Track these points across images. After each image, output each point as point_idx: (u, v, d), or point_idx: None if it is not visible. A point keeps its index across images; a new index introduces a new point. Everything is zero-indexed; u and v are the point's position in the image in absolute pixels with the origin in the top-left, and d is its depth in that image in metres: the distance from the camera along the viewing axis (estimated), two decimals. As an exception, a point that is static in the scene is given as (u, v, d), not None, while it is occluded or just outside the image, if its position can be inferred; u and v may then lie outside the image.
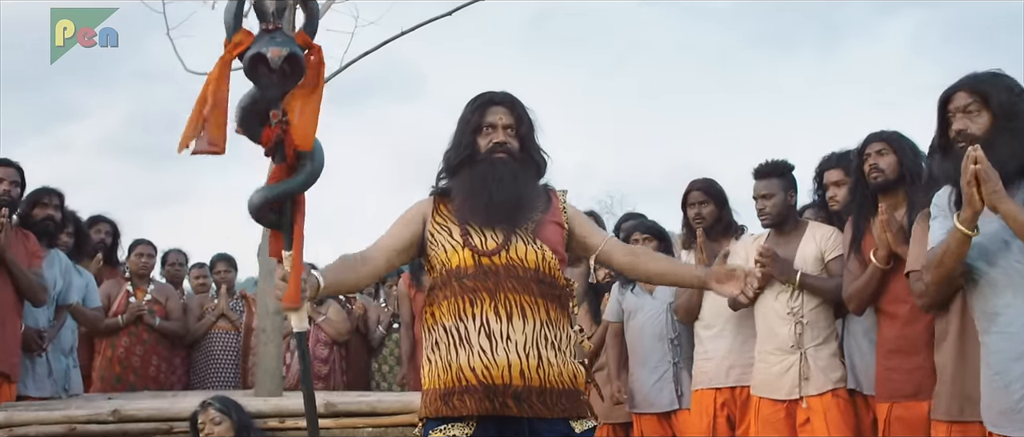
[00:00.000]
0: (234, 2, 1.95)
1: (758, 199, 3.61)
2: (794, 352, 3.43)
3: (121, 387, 4.73)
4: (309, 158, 2.02)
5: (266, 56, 1.89)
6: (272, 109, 1.96)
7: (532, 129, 2.37)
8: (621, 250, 2.45)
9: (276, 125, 1.96)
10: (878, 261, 3.06)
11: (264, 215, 2.04)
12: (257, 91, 1.96)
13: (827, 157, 3.62)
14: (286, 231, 2.06)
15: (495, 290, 2.18)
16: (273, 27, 1.96)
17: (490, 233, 2.25)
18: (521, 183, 2.27)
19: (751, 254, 3.64)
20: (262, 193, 2.03)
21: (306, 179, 2.03)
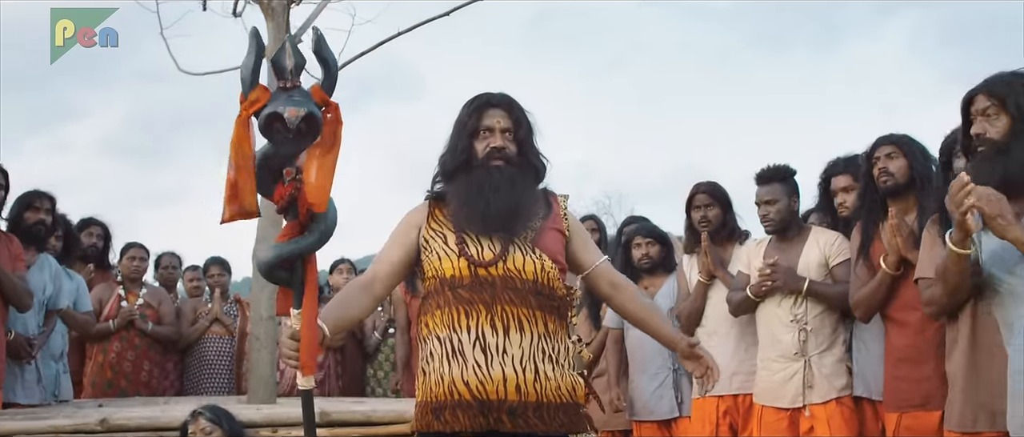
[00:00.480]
0: (251, 57, 1.91)
1: (761, 205, 3.55)
2: (798, 359, 3.37)
3: (112, 393, 4.66)
4: (322, 218, 1.98)
5: (283, 116, 1.85)
6: (286, 166, 1.93)
7: (531, 132, 2.30)
8: (606, 279, 2.36)
9: (290, 183, 1.92)
10: (887, 267, 3.00)
11: (274, 273, 2.00)
12: (271, 148, 1.92)
13: (833, 162, 3.55)
14: (297, 289, 2.02)
15: (491, 302, 2.11)
16: (291, 85, 1.92)
17: (487, 242, 2.18)
18: (519, 190, 2.19)
19: (754, 260, 3.58)
20: (273, 251, 1.98)
21: (318, 239, 1.99)
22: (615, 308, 2.41)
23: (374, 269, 2.27)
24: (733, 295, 3.60)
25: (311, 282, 2.02)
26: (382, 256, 2.29)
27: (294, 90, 1.91)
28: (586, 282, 2.38)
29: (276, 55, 1.92)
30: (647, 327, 2.36)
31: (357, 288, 2.24)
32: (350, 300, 2.20)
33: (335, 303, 2.20)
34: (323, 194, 1.96)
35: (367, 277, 2.26)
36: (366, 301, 2.23)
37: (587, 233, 2.43)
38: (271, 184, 1.96)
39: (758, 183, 3.58)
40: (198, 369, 5.02)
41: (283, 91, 1.91)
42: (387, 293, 2.32)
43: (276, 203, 1.97)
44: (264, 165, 1.93)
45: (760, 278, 3.40)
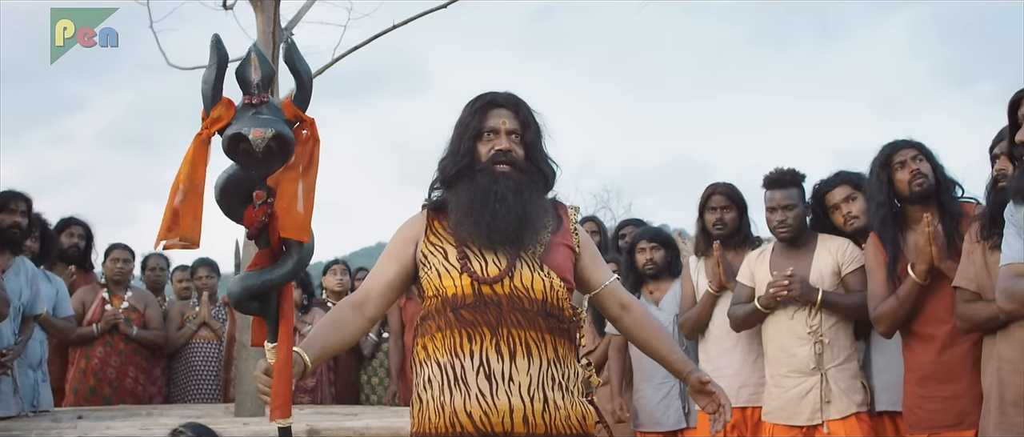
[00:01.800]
0: (212, 69, 1.70)
1: (777, 210, 3.37)
2: (814, 374, 3.20)
3: (96, 400, 4.47)
4: (297, 244, 1.79)
5: (247, 137, 1.65)
6: (256, 189, 1.74)
7: (539, 135, 2.10)
8: (616, 299, 2.16)
9: (260, 207, 1.74)
10: (917, 276, 2.82)
11: (246, 305, 1.81)
12: (238, 170, 1.73)
13: (825, 180, 3.41)
14: (270, 322, 1.83)
15: (497, 325, 1.92)
16: (257, 101, 1.72)
17: (491, 257, 1.99)
18: (527, 199, 2.00)
19: (757, 272, 3.41)
20: (242, 283, 1.79)
21: (292, 270, 1.80)
22: (623, 330, 2.22)
23: (367, 287, 2.08)
24: (736, 310, 3.42)
25: (286, 315, 1.83)
26: (376, 273, 2.10)
27: (262, 106, 1.71)
28: (594, 301, 2.19)
29: (240, 67, 1.72)
30: (656, 354, 2.18)
31: (347, 308, 2.05)
32: (339, 322, 2.01)
33: (323, 326, 2.01)
34: (298, 222, 1.76)
35: (359, 296, 2.07)
36: (358, 323, 2.04)
37: (596, 249, 2.24)
38: (240, 208, 1.77)
39: (772, 187, 3.40)
40: (185, 376, 4.83)
41: (249, 107, 1.71)
42: (381, 314, 2.11)
43: (246, 229, 1.79)
44: (231, 188, 1.74)
45: (775, 289, 3.22)
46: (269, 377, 1.82)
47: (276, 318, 1.83)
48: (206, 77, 1.70)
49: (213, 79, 1.69)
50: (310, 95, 1.79)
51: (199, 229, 1.70)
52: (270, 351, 1.84)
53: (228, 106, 1.71)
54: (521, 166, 2.05)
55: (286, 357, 1.81)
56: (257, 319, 1.87)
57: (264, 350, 1.86)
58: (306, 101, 1.78)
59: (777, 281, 3.23)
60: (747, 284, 3.43)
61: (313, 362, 1.91)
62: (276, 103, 1.76)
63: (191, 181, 1.68)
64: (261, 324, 1.86)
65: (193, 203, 1.68)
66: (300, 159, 1.76)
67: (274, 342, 1.83)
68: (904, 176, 2.94)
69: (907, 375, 2.96)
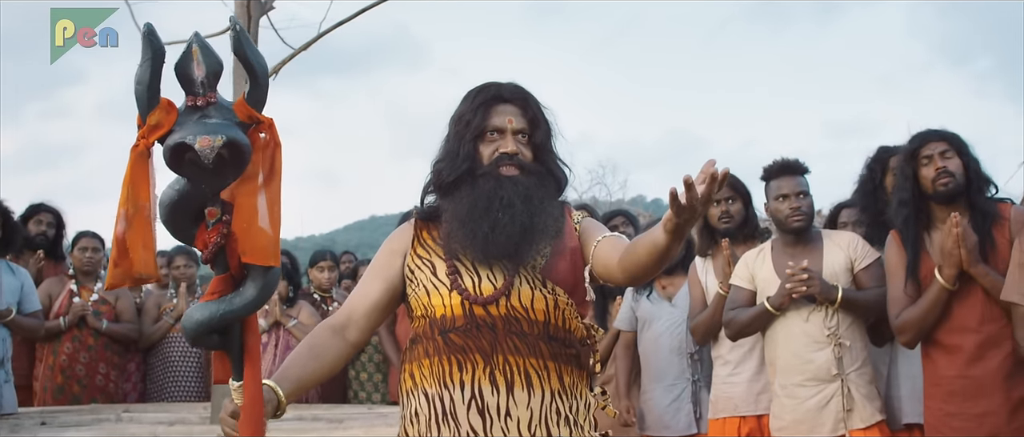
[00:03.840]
0: (145, 66, 1.39)
1: (790, 197, 3.09)
2: (834, 380, 2.93)
3: (64, 399, 4.19)
4: (260, 270, 1.50)
5: (193, 147, 1.36)
6: (208, 206, 1.46)
7: (549, 134, 1.81)
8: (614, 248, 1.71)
9: (215, 227, 1.46)
10: (945, 281, 2.56)
11: (203, 339, 1.52)
12: (186, 185, 1.44)
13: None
14: (234, 358, 1.56)
15: (491, 351, 1.65)
16: (203, 101, 1.43)
17: (486, 273, 1.71)
18: (536, 207, 1.72)
19: (759, 272, 3.14)
20: (198, 315, 1.50)
21: (256, 298, 1.51)
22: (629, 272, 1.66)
23: (349, 308, 1.80)
24: (736, 315, 3.14)
25: (252, 350, 1.55)
26: (359, 291, 1.82)
27: (209, 108, 1.43)
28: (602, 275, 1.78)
29: (180, 62, 1.42)
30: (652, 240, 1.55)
31: (326, 333, 1.77)
32: (318, 349, 1.73)
33: (299, 355, 1.73)
34: (260, 242, 1.47)
35: (340, 317, 1.80)
36: (339, 350, 1.76)
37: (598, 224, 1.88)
38: (191, 229, 1.49)
39: (781, 174, 3.13)
40: (162, 372, 4.53)
41: (194, 110, 1.43)
42: (366, 339, 1.84)
43: (199, 251, 1.51)
44: (179, 206, 1.46)
45: (792, 284, 2.93)
46: (236, 420, 1.55)
47: (240, 353, 1.55)
48: (139, 76, 1.40)
49: (148, 78, 1.39)
50: (266, 92, 1.49)
51: (152, 260, 1.43)
52: (236, 390, 1.57)
53: (168, 110, 1.42)
54: (530, 170, 1.76)
55: (254, 397, 1.54)
56: (219, 354, 1.59)
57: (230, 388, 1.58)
58: (262, 99, 1.48)
59: (794, 275, 2.94)
60: (745, 286, 3.16)
61: (288, 396, 1.64)
62: (226, 103, 1.46)
63: (135, 204, 1.40)
64: (223, 359, 1.58)
65: (141, 230, 1.41)
66: (259, 168, 1.46)
67: (240, 380, 1.56)
68: (929, 173, 2.69)
69: (929, 390, 2.72)
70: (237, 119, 1.45)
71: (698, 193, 1.36)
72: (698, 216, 1.43)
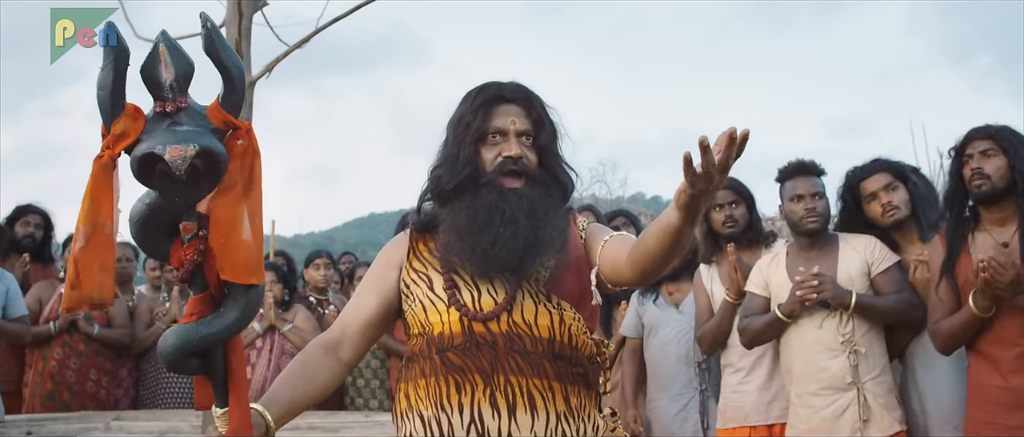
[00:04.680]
0: (108, 70, 1.28)
1: (805, 198, 2.97)
2: (850, 389, 2.82)
3: (54, 406, 4.07)
4: (242, 288, 1.39)
5: (163, 158, 1.25)
6: (184, 220, 1.35)
7: (555, 137, 1.70)
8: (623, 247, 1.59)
9: (191, 243, 1.35)
10: (978, 311, 2.46)
11: (183, 364, 1.41)
12: (157, 198, 1.33)
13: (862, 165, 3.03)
14: (217, 383, 1.44)
15: (491, 372, 1.54)
16: (173, 107, 1.31)
17: (486, 287, 1.60)
18: (540, 220, 1.60)
19: (772, 276, 3.03)
20: (175, 339, 1.39)
21: (238, 319, 1.40)
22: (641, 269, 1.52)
23: (342, 324, 1.69)
24: (750, 322, 3.03)
25: (237, 374, 1.44)
26: (353, 306, 1.71)
27: (179, 113, 1.32)
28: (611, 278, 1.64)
29: (146, 64, 1.30)
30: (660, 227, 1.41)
31: (318, 352, 1.66)
32: (309, 369, 1.62)
33: (289, 375, 1.62)
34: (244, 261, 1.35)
35: (332, 335, 1.68)
36: (332, 370, 1.65)
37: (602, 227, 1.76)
38: (165, 245, 1.38)
39: (795, 175, 3.02)
40: (155, 378, 4.41)
41: (163, 117, 1.31)
42: (360, 356, 1.72)
43: (175, 268, 1.40)
44: (150, 222, 1.35)
45: (803, 291, 2.83)
46: None
47: (224, 378, 1.44)
48: (101, 81, 1.28)
49: (110, 82, 1.28)
50: (243, 95, 1.38)
51: (110, 283, 1.32)
52: (219, 418, 1.45)
53: (135, 117, 1.30)
54: (534, 176, 1.64)
55: (241, 424, 1.43)
56: (200, 378, 1.47)
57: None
58: (238, 102, 1.36)
59: (804, 281, 2.83)
60: (760, 293, 3.05)
61: (277, 421, 1.53)
62: (199, 108, 1.34)
63: (93, 222, 1.28)
64: (205, 384, 1.46)
65: (98, 250, 1.29)
66: (237, 177, 1.35)
67: (224, 407, 1.44)
68: (968, 173, 2.57)
69: (971, 397, 2.61)
70: (211, 125, 1.33)
71: (715, 159, 1.22)
72: (714, 189, 1.27)
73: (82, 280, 1.28)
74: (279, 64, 4.06)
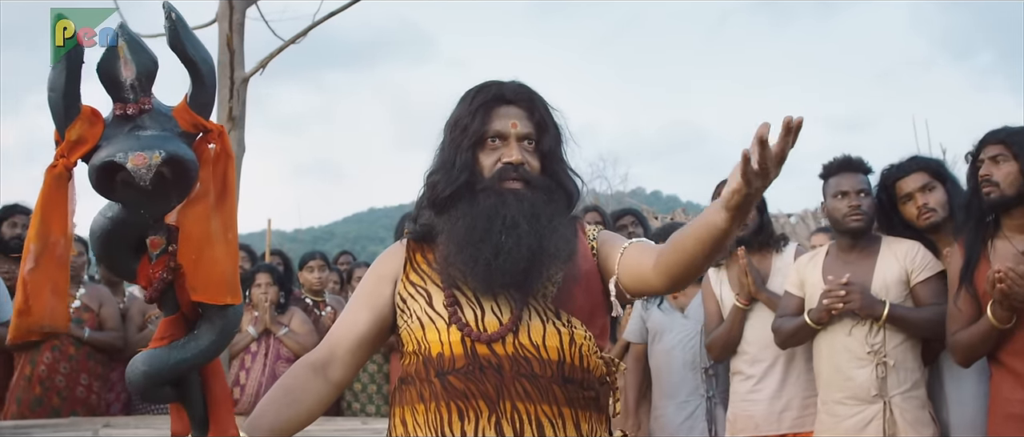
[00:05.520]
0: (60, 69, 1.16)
1: (849, 195, 2.84)
2: (876, 402, 2.70)
3: (42, 412, 3.95)
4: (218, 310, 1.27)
5: (124, 166, 1.13)
6: (151, 234, 1.22)
7: (559, 141, 1.59)
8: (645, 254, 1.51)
9: (159, 259, 1.23)
10: (997, 322, 2.34)
11: (155, 392, 1.28)
12: (122, 211, 1.21)
13: (899, 163, 2.89)
14: (193, 411, 1.32)
15: (497, 398, 1.43)
16: (135, 109, 1.19)
17: (490, 304, 1.49)
18: (544, 227, 1.49)
19: (808, 277, 2.91)
20: (145, 366, 1.26)
21: (214, 343, 1.28)
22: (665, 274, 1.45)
23: (331, 342, 1.58)
24: (783, 323, 2.91)
25: (219, 402, 1.33)
26: (344, 322, 1.60)
27: (142, 116, 1.19)
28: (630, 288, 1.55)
29: (103, 61, 1.18)
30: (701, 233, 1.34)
31: (306, 372, 1.54)
32: (295, 391, 1.51)
33: (274, 397, 1.50)
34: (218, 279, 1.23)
35: (321, 353, 1.57)
36: (321, 392, 1.53)
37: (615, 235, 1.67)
38: (131, 263, 1.26)
39: (840, 171, 2.89)
40: (146, 381, 4.31)
41: (124, 121, 1.19)
42: (351, 376, 1.60)
43: (143, 288, 1.28)
44: (114, 238, 1.23)
45: (830, 300, 2.72)
46: None
47: (203, 406, 1.32)
48: (52, 82, 1.16)
49: (63, 83, 1.15)
50: (214, 93, 1.25)
51: (63, 309, 1.19)
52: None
53: (92, 121, 1.18)
54: (537, 183, 1.53)
55: None
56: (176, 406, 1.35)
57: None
58: (209, 102, 1.24)
59: (832, 290, 2.72)
60: (796, 293, 2.93)
61: None
62: (164, 109, 1.22)
63: (44, 240, 1.15)
64: (180, 413, 1.34)
65: (50, 271, 1.16)
66: (209, 186, 1.22)
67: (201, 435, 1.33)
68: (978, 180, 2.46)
69: (992, 409, 2.49)
70: (179, 129, 1.21)
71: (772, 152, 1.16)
72: (767, 185, 1.21)
73: (32, 306, 1.15)
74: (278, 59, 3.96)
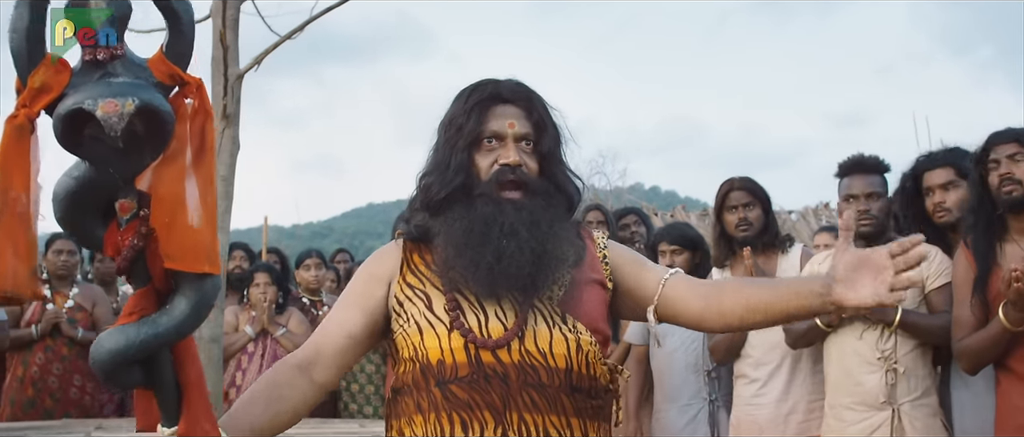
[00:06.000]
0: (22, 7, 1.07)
1: (859, 198, 2.77)
2: (884, 408, 2.64)
3: (35, 414, 3.90)
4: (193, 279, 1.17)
5: (94, 115, 1.04)
6: (120, 198, 1.13)
7: (558, 141, 1.52)
8: (696, 290, 1.51)
9: (129, 225, 1.13)
10: (1010, 324, 2.27)
11: (122, 375, 1.18)
12: (88, 169, 1.11)
13: (926, 155, 2.82)
14: (164, 398, 1.22)
15: (503, 408, 1.36)
16: (106, 54, 1.11)
17: (493, 308, 1.42)
18: (545, 232, 1.43)
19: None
20: (110, 343, 1.16)
21: (189, 317, 1.18)
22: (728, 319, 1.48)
23: (317, 342, 1.49)
24: (793, 324, 2.86)
25: (194, 383, 1.22)
26: (332, 322, 1.52)
27: (114, 63, 1.11)
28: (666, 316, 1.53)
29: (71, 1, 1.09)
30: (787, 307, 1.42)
31: (290, 371, 1.45)
32: (277, 389, 1.42)
33: (254, 396, 1.41)
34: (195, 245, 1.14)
35: (306, 353, 1.48)
36: (304, 393, 1.44)
37: (635, 255, 1.63)
38: (97, 229, 1.16)
39: (851, 172, 2.82)
40: (141, 382, 4.26)
41: (93, 67, 1.11)
42: (336, 379, 1.53)
43: (110, 257, 1.18)
44: (79, 199, 1.13)
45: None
46: None
47: (176, 392, 1.21)
48: (14, 22, 1.07)
49: (26, 23, 1.06)
50: (192, 44, 1.17)
51: (25, 271, 1.09)
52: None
53: (58, 68, 1.09)
54: (535, 187, 1.46)
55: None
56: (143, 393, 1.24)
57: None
58: (187, 52, 1.16)
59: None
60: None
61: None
62: (138, 59, 1.14)
63: (3, 196, 1.06)
64: (147, 399, 1.23)
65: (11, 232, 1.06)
66: (185, 143, 1.13)
67: (172, 426, 1.22)
68: (996, 179, 2.40)
69: (999, 418, 2.43)
70: (154, 79, 1.12)
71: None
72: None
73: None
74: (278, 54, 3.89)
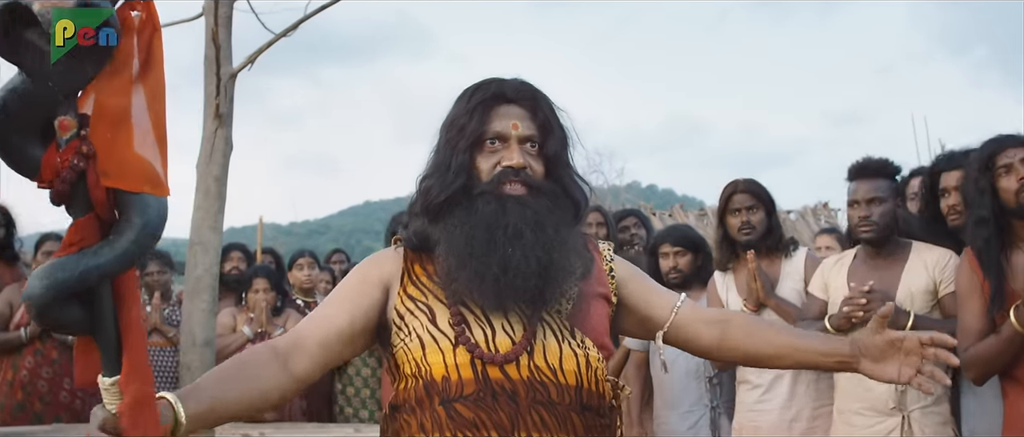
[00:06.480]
0: None
1: (860, 204, 2.72)
2: (894, 415, 2.60)
3: (24, 418, 3.85)
4: (138, 204, 1.08)
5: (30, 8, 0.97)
6: (60, 115, 1.03)
7: (565, 144, 1.46)
8: (704, 318, 1.54)
9: (68, 145, 1.03)
10: (1021, 326, 2.22)
11: (56, 312, 1.07)
12: (23, 81, 1.02)
13: (944, 155, 2.78)
14: (104, 343, 1.11)
15: (512, 428, 1.30)
16: None
17: (500, 322, 1.36)
18: (551, 236, 1.37)
19: (833, 282, 2.80)
20: (47, 277, 1.05)
21: (132, 246, 1.08)
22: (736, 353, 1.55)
23: (300, 332, 1.40)
24: (804, 326, 2.80)
25: (133, 326, 1.12)
26: (319, 316, 1.43)
27: None
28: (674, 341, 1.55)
29: None
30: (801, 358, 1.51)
31: (266, 354, 1.35)
32: (249, 367, 1.32)
33: (223, 370, 1.32)
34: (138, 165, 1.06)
35: (286, 342, 1.38)
36: (277, 379, 1.33)
37: (644, 276, 1.60)
38: (34, 150, 1.05)
39: (856, 177, 2.77)
40: (133, 386, 4.19)
41: None
42: (313, 374, 1.40)
43: (45, 184, 1.06)
44: (14, 116, 1.02)
45: (850, 307, 2.61)
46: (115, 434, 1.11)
47: (116, 336, 1.11)
48: None
49: None
50: None
51: None
52: (109, 390, 1.12)
53: None
54: (540, 189, 1.41)
55: (139, 397, 1.09)
56: (82, 340, 1.14)
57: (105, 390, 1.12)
58: None
59: (853, 297, 2.62)
60: (819, 296, 2.84)
61: (194, 421, 1.19)
62: None
63: None
64: (88, 348, 1.13)
65: None
66: (131, 57, 1.05)
67: (114, 375, 1.12)
68: (1010, 184, 2.33)
69: (1007, 428, 2.38)
70: None
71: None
72: None
73: None
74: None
